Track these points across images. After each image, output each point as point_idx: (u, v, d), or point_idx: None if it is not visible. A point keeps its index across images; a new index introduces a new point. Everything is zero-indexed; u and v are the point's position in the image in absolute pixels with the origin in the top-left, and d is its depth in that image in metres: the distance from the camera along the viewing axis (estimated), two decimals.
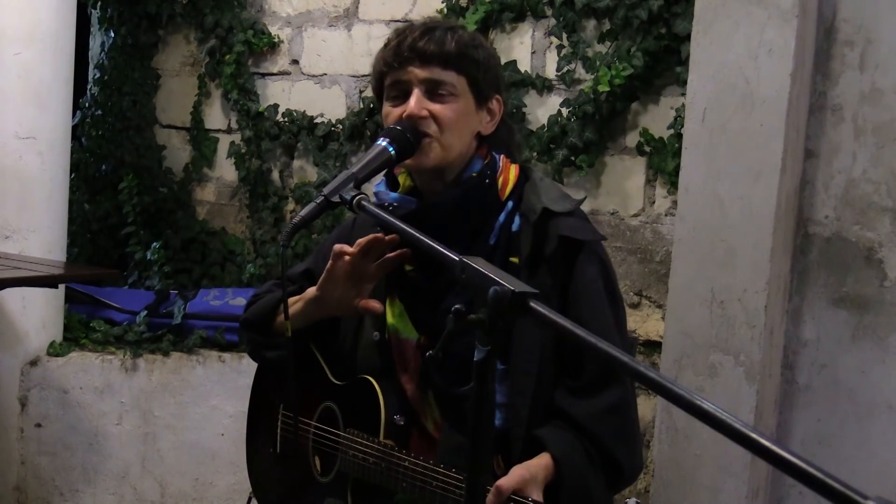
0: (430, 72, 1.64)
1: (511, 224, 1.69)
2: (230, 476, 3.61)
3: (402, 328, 1.73)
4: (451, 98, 1.64)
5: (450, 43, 1.64)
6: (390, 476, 1.62)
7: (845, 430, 2.80)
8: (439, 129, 1.63)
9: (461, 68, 1.65)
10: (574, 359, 1.63)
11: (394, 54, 1.66)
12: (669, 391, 0.94)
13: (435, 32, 1.65)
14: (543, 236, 1.65)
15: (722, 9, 2.67)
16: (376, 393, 1.70)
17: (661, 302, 3.36)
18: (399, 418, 1.69)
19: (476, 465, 1.15)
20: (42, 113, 3.55)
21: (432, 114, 1.63)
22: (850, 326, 2.79)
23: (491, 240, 1.68)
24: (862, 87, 2.74)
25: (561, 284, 1.64)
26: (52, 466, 3.68)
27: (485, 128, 1.71)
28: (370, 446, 1.67)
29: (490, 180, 1.69)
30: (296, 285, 1.87)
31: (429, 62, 1.63)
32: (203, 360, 3.66)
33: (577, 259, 1.65)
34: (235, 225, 4.34)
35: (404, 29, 1.70)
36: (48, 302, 3.63)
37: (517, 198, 1.70)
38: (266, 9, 4.20)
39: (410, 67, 1.64)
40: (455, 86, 1.65)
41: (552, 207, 1.66)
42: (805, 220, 2.84)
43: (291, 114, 4.11)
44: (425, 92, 1.64)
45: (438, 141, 1.64)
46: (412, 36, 1.65)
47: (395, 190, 1.74)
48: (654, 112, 3.39)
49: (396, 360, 1.74)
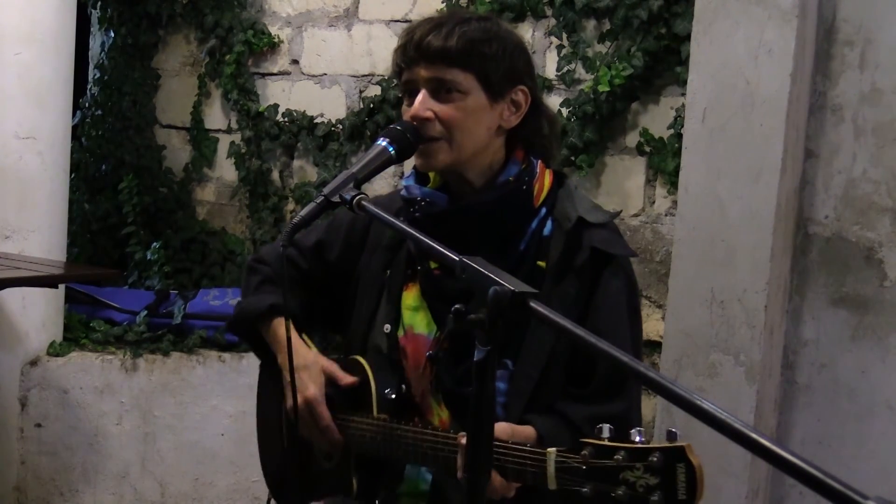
0: (433, 71, 1.60)
1: (543, 229, 1.67)
2: (230, 476, 3.61)
3: (416, 323, 1.72)
4: (458, 96, 1.60)
5: (455, 38, 1.59)
6: (386, 445, 1.63)
7: (845, 430, 2.80)
8: (445, 130, 1.61)
9: (467, 64, 1.60)
10: (583, 369, 1.62)
11: (402, 53, 1.63)
12: (669, 391, 0.94)
13: (442, 28, 1.61)
14: (575, 245, 1.64)
15: (722, 9, 2.67)
16: (366, 371, 1.70)
17: (661, 302, 3.36)
18: (389, 392, 1.68)
19: (476, 464, 1.15)
20: (42, 113, 3.55)
21: (437, 115, 1.60)
22: (850, 326, 2.79)
23: (521, 245, 1.66)
24: (862, 87, 2.74)
25: (585, 295, 1.63)
26: (52, 466, 3.68)
27: (507, 121, 1.66)
28: (364, 422, 1.68)
29: (527, 187, 1.66)
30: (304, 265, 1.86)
31: (432, 61, 1.60)
32: (203, 360, 3.66)
33: (605, 271, 1.64)
34: (235, 225, 4.34)
35: (415, 25, 1.66)
36: (48, 302, 3.63)
37: (550, 204, 1.68)
38: (266, 9, 4.20)
39: (416, 67, 1.61)
40: (461, 83, 1.60)
41: (587, 217, 1.65)
42: (805, 220, 2.84)
43: (291, 114, 4.11)
44: (431, 91, 1.61)
45: (446, 141, 1.61)
46: (419, 33, 1.61)
47: (424, 184, 1.71)
48: (654, 112, 3.39)
49: (406, 354, 1.72)
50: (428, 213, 1.65)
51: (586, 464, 1.26)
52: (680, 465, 1.18)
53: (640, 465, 1.20)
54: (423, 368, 1.69)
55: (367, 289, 1.78)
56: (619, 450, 1.22)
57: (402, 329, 1.73)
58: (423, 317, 1.71)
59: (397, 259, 1.76)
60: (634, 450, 1.21)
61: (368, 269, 1.79)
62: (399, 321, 1.73)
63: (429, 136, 1.61)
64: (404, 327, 1.73)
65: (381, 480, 1.72)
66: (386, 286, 1.76)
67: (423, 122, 1.60)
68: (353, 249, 1.82)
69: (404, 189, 1.70)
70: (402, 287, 1.74)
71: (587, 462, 1.26)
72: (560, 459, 1.32)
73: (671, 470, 1.18)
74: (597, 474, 1.24)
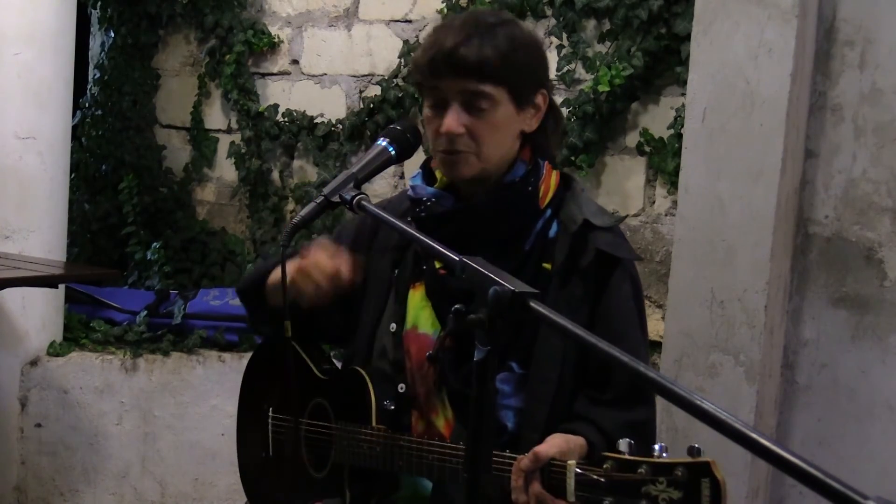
0: (466, 84, 1.57)
1: (548, 231, 1.67)
2: (230, 476, 3.61)
3: (421, 322, 1.71)
4: (489, 110, 1.58)
5: (488, 51, 1.56)
6: (386, 457, 1.62)
7: (845, 430, 2.80)
8: (476, 144, 1.60)
9: (500, 78, 1.58)
10: (600, 372, 1.61)
11: (429, 62, 1.58)
12: (669, 391, 0.94)
13: (472, 39, 1.57)
14: (580, 247, 1.63)
15: (722, 9, 2.67)
16: (365, 381, 1.69)
17: (661, 302, 3.36)
18: (389, 403, 1.68)
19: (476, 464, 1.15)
20: (42, 113, 3.55)
21: (468, 129, 1.58)
22: (850, 326, 2.79)
23: (526, 246, 1.66)
24: (862, 87, 2.74)
25: (591, 297, 1.63)
26: (52, 466, 3.68)
27: (529, 125, 1.66)
28: (363, 432, 1.67)
29: (533, 188, 1.65)
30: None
31: (465, 75, 1.56)
32: (203, 360, 3.66)
33: (612, 276, 1.64)
34: (235, 225, 4.34)
35: (442, 31, 1.60)
36: (48, 302, 3.62)
37: (556, 206, 1.68)
38: (266, 9, 4.20)
39: (446, 79, 1.58)
40: (494, 96, 1.58)
41: (593, 220, 1.64)
42: (805, 220, 2.84)
43: (291, 114, 4.11)
44: (462, 104, 1.59)
45: (476, 154, 1.60)
46: (449, 43, 1.56)
47: (431, 183, 1.71)
48: (654, 112, 3.39)
49: (410, 353, 1.72)
50: (433, 213, 1.65)
51: (607, 477, 1.26)
52: (705, 481, 1.18)
53: (664, 479, 1.20)
54: (425, 368, 1.68)
55: (375, 289, 1.78)
56: (643, 464, 1.23)
57: (406, 327, 1.72)
58: (427, 316, 1.71)
59: (406, 258, 1.76)
60: (658, 464, 1.21)
61: (377, 270, 1.78)
62: (405, 320, 1.73)
63: (457, 150, 1.60)
64: (410, 325, 1.72)
65: (375, 487, 1.71)
66: (394, 285, 1.76)
67: (455, 136, 1.59)
68: (362, 253, 1.80)
69: (411, 189, 1.70)
70: (409, 285, 1.74)
71: (608, 475, 1.26)
72: (580, 472, 1.32)
73: (696, 485, 1.19)
74: (618, 487, 1.25)
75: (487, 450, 1.19)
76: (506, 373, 1.62)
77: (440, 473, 1.56)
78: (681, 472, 1.18)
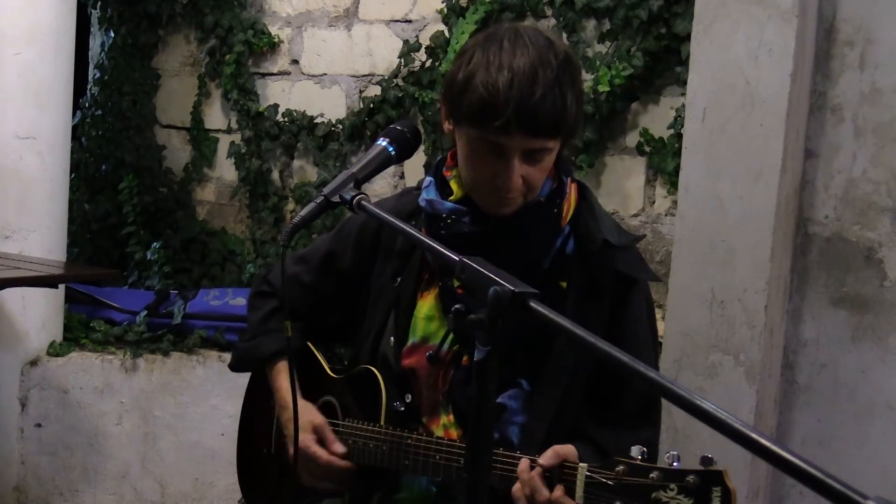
0: (532, 143, 1.50)
1: (566, 247, 1.65)
2: (230, 476, 3.58)
3: (432, 335, 1.68)
4: (546, 158, 1.55)
5: (557, 109, 1.48)
6: (392, 456, 1.62)
7: (845, 430, 2.80)
8: (527, 188, 1.56)
9: (564, 133, 1.54)
10: (611, 391, 1.61)
11: (492, 112, 1.47)
12: (669, 391, 0.94)
13: (546, 98, 1.46)
14: (598, 266, 1.62)
15: (722, 9, 2.67)
16: (378, 381, 1.69)
17: (661, 302, 3.35)
18: (399, 405, 1.67)
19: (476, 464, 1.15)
20: (42, 113, 3.55)
21: (524, 177, 1.54)
22: (850, 326, 2.79)
23: (545, 264, 1.64)
24: (862, 87, 2.74)
25: (607, 316, 1.62)
26: (52, 466, 3.68)
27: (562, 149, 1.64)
28: (370, 430, 1.67)
29: (558, 209, 1.63)
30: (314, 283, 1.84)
31: (538, 135, 1.49)
32: (203, 360, 3.66)
33: (629, 296, 1.63)
34: (235, 225, 4.34)
35: (500, 80, 1.47)
36: (48, 302, 3.63)
37: (574, 221, 1.66)
38: (266, 9, 4.20)
39: (516, 137, 1.49)
40: (553, 148, 1.55)
41: (611, 239, 1.63)
42: (805, 220, 2.84)
43: (291, 114, 4.11)
44: (522, 156, 1.52)
45: (524, 196, 1.58)
46: (513, 95, 1.46)
47: (446, 196, 1.65)
48: (654, 112, 3.39)
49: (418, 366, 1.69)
50: (455, 232, 1.60)
51: (618, 480, 1.27)
52: (716, 489, 1.19)
53: (675, 485, 1.21)
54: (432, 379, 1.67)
55: (377, 298, 1.75)
56: (654, 469, 1.24)
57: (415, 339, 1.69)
58: (437, 327, 1.68)
59: (409, 266, 1.72)
60: (671, 471, 1.23)
61: (380, 278, 1.76)
62: (407, 333, 1.70)
63: (510, 197, 1.56)
64: (416, 338, 1.69)
65: (376, 486, 1.71)
66: (395, 296, 1.73)
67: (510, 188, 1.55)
68: (365, 255, 1.78)
69: (426, 202, 1.65)
70: (414, 295, 1.71)
71: (619, 478, 1.27)
72: (590, 475, 1.33)
73: (706, 493, 1.20)
74: (627, 491, 1.26)
75: (487, 451, 1.18)
76: (515, 389, 1.61)
77: (446, 473, 1.56)
78: (692, 480, 1.19)
